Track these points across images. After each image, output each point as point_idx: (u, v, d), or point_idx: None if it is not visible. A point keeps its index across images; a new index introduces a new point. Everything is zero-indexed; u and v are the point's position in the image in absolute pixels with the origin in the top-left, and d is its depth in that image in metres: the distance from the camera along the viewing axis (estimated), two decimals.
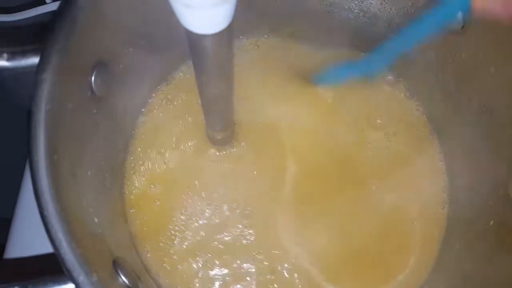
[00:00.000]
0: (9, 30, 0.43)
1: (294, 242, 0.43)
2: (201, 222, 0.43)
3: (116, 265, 0.31)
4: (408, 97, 0.47)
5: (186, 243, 0.42)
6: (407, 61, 0.44)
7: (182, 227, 0.43)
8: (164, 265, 0.41)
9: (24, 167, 0.50)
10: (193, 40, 0.29)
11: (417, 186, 0.44)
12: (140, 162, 0.44)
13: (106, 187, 0.37)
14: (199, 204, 0.43)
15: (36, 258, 0.35)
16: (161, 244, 0.42)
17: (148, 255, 0.41)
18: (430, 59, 0.41)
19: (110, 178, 0.39)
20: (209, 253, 0.42)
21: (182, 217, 0.43)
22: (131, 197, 0.43)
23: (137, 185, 0.43)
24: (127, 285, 0.30)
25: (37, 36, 0.32)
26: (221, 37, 0.28)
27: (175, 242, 0.42)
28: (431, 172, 0.45)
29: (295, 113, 0.47)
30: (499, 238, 0.35)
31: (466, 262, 0.39)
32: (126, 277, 0.31)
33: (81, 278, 0.25)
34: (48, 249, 0.28)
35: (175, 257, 0.42)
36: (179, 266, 0.41)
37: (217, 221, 0.43)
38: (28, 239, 0.43)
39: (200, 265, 0.41)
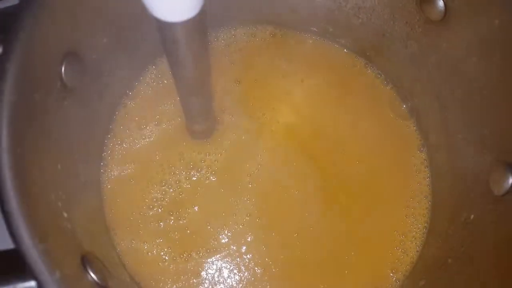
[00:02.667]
0: None
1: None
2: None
3: (85, 261, 0.30)
4: (391, 88, 0.46)
5: (162, 229, 0.42)
6: (391, 54, 0.43)
7: (158, 209, 0.42)
8: (139, 255, 0.41)
9: None
10: (163, 29, 0.28)
11: (399, 178, 0.44)
12: (119, 141, 0.44)
13: (80, 180, 0.36)
14: (174, 182, 0.43)
15: (1, 253, 0.34)
16: (140, 231, 0.41)
17: (123, 244, 0.41)
18: (413, 50, 0.40)
19: (84, 170, 0.38)
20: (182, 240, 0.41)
21: (159, 195, 0.43)
22: (108, 186, 0.42)
23: (114, 172, 0.43)
24: (96, 282, 0.30)
25: (3, 25, 0.30)
26: (191, 25, 0.27)
27: (151, 228, 0.42)
28: (413, 165, 0.44)
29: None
30: (479, 232, 0.35)
31: (448, 255, 0.39)
32: (95, 273, 0.30)
33: (43, 275, 0.24)
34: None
35: (149, 246, 0.41)
36: (154, 255, 0.41)
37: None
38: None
39: (176, 254, 0.41)
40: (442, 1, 0.35)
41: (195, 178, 0.44)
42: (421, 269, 0.40)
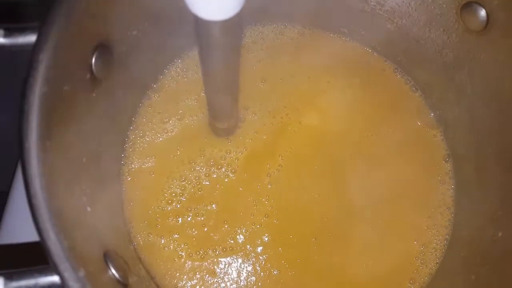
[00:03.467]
0: (8, 5, 0.41)
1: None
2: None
3: (107, 257, 0.30)
4: (419, 95, 0.45)
5: (180, 225, 0.41)
6: (423, 61, 0.42)
7: (177, 204, 0.42)
8: (155, 250, 0.40)
9: None
10: (200, 27, 0.27)
11: (422, 187, 0.43)
12: (141, 134, 0.43)
13: (102, 174, 0.36)
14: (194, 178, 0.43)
15: (26, 245, 0.34)
16: (157, 226, 0.41)
17: (139, 238, 0.41)
18: (449, 59, 0.39)
19: (107, 163, 0.37)
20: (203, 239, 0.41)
21: (178, 190, 0.42)
22: (128, 178, 0.42)
23: (135, 165, 0.43)
24: (117, 279, 0.29)
25: (37, 13, 0.30)
26: (229, 25, 0.27)
27: (169, 223, 0.41)
28: (438, 175, 0.43)
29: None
30: (508, 251, 0.34)
31: (471, 271, 0.38)
32: (117, 270, 0.30)
33: (68, 272, 0.24)
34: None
35: (166, 241, 0.41)
36: (171, 250, 0.41)
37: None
38: (24, 217, 0.43)
39: (193, 251, 0.41)
40: (484, 11, 0.33)
41: (215, 176, 0.43)
42: (440, 282, 0.40)
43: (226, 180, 0.43)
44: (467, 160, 0.41)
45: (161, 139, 0.44)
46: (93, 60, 0.32)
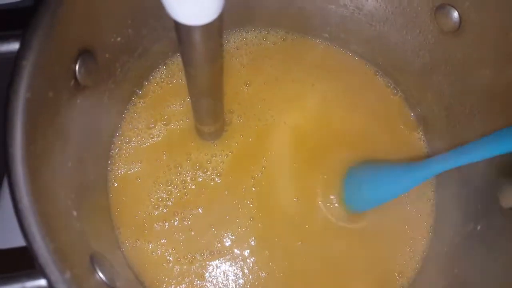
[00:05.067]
0: None
1: None
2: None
3: (94, 260, 0.30)
4: (400, 97, 0.46)
5: (167, 230, 0.42)
6: (402, 63, 0.43)
7: (164, 209, 0.42)
8: (144, 255, 0.41)
9: None
10: (181, 32, 0.28)
11: None
12: (127, 139, 0.44)
13: (88, 179, 0.36)
14: (180, 183, 0.43)
15: (13, 250, 0.34)
16: (145, 231, 0.42)
17: (127, 244, 0.41)
18: (426, 61, 0.40)
19: (93, 168, 0.38)
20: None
21: (164, 195, 0.43)
22: (114, 184, 0.42)
23: (121, 170, 0.43)
24: (105, 282, 0.30)
25: (20, 20, 0.30)
26: (210, 29, 0.27)
27: (156, 228, 0.42)
28: None
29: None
30: (486, 242, 0.35)
31: (453, 267, 0.39)
32: (103, 273, 0.30)
33: (54, 275, 0.24)
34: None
35: (154, 246, 0.41)
36: (159, 255, 0.41)
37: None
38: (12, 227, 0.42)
39: (180, 256, 0.41)
40: (457, 12, 0.35)
41: (200, 179, 0.44)
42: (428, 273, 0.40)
43: (211, 183, 0.44)
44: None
45: (146, 144, 0.44)
46: (77, 67, 0.32)
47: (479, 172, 0.37)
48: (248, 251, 0.42)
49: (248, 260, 0.42)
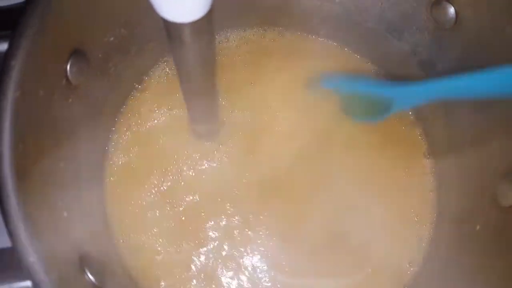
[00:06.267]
0: None
1: None
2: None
3: (83, 261, 0.30)
4: None
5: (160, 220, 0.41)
6: (400, 60, 0.43)
7: (158, 200, 0.42)
8: (138, 252, 0.40)
9: None
10: (170, 30, 0.28)
11: (405, 187, 0.43)
12: (124, 136, 0.43)
13: (81, 178, 0.36)
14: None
15: (2, 250, 0.34)
16: (138, 223, 0.41)
17: (122, 242, 0.41)
18: (423, 57, 0.40)
19: (87, 167, 0.38)
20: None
21: (163, 188, 0.42)
22: (111, 179, 0.42)
23: (118, 164, 0.42)
24: (94, 283, 0.29)
25: (10, 21, 0.30)
26: (199, 26, 0.27)
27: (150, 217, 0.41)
28: (419, 175, 0.43)
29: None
30: (485, 241, 0.34)
31: (452, 265, 0.38)
32: (93, 275, 0.29)
33: (40, 275, 0.24)
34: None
35: (147, 239, 0.41)
36: (156, 257, 0.41)
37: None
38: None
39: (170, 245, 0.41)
40: (453, 8, 0.34)
41: (196, 167, 0.43)
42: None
43: (203, 176, 0.43)
44: (446, 155, 0.42)
45: (145, 138, 0.44)
46: (68, 66, 0.32)
47: (476, 171, 0.36)
48: (240, 244, 0.42)
49: (241, 248, 0.41)
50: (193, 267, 0.41)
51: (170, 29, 0.27)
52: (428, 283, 0.40)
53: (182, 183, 0.43)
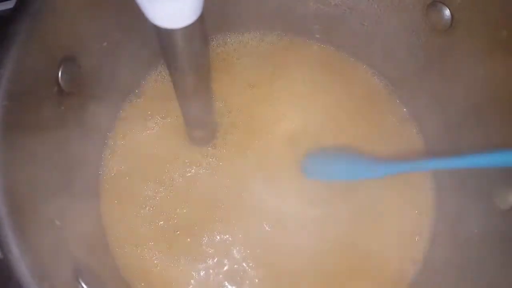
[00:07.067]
0: None
1: None
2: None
3: (78, 273, 0.29)
4: (393, 92, 0.46)
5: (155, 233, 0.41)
6: (396, 62, 0.42)
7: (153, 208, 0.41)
8: (134, 263, 0.40)
9: None
10: (162, 36, 0.27)
11: (403, 192, 0.43)
12: (121, 135, 0.43)
13: (74, 187, 0.35)
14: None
15: None
16: (133, 233, 0.41)
17: (118, 252, 0.40)
18: (419, 59, 0.40)
19: (82, 174, 0.37)
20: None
21: (157, 199, 0.42)
22: (106, 186, 0.42)
23: (113, 171, 0.42)
24: None
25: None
26: (190, 32, 0.27)
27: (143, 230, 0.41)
28: (418, 177, 0.43)
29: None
30: (484, 245, 0.34)
31: (452, 266, 0.38)
32: (88, 286, 0.29)
33: (31, 287, 0.23)
34: None
35: (142, 251, 0.40)
36: (154, 269, 0.40)
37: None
38: None
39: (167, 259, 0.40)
40: (448, 10, 0.34)
41: (188, 175, 0.43)
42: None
43: (197, 183, 0.42)
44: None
45: (139, 146, 0.43)
46: (60, 73, 0.32)
47: (476, 174, 0.36)
48: (233, 256, 0.41)
49: (237, 257, 0.41)
50: (192, 281, 0.40)
51: (162, 35, 0.27)
52: (428, 283, 0.40)
53: (177, 194, 0.42)
